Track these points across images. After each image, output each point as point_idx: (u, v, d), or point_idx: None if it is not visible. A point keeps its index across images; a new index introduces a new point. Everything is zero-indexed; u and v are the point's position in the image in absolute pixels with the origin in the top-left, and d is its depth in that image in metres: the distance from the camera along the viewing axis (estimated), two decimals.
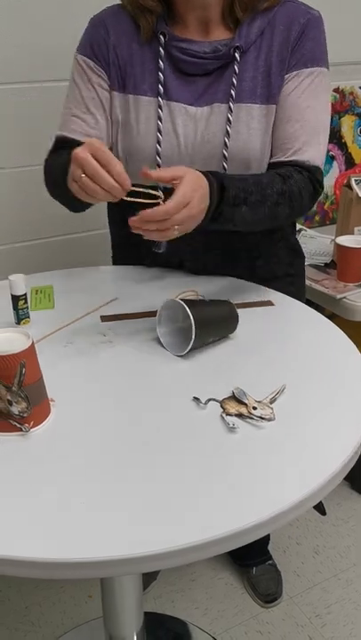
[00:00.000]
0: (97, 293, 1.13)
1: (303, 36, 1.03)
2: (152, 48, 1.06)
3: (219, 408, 0.82)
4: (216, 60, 1.04)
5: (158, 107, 1.06)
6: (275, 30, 1.03)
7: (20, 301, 0.99)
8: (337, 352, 0.95)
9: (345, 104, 1.86)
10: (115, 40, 1.08)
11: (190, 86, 1.06)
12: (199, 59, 1.04)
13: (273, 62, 1.04)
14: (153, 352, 0.95)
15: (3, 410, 0.75)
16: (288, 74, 1.04)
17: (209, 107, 1.05)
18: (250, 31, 1.03)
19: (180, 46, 1.05)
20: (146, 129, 1.07)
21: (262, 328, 1.02)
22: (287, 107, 1.04)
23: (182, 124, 1.06)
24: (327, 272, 1.62)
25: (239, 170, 1.07)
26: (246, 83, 1.04)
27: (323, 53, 1.06)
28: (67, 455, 0.74)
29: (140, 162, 1.10)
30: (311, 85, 1.04)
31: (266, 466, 0.72)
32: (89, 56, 1.09)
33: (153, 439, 0.77)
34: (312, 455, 0.74)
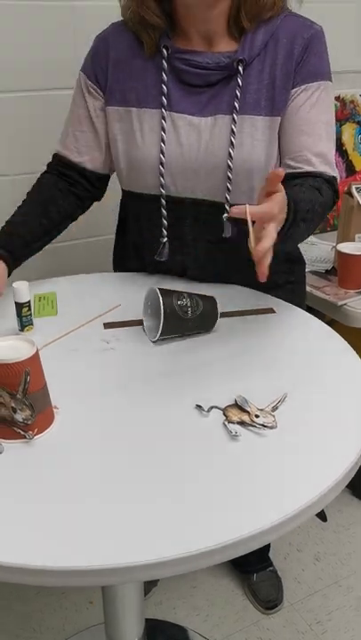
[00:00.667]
0: (100, 300, 1.14)
1: (308, 50, 1.04)
2: (155, 61, 1.07)
3: (221, 416, 0.82)
4: (219, 71, 1.05)
5: (162, 118, 1.07)
6: (278, 43, 1.04)
7: (23, 308, 1.00)
8: (338, 360, 0.95)
9: (346, 112, 1.87)
10: (115, 57, 1.10)
11: (194, 97, 1.07)
12: (202, 70, 1.05)
13: (277, 75, 1.05)
14: (155, 359, 0.96)
15: (7, 417, 0.75)
16: (295, 88, 1.05)
17: (213, 117, 1.06)
18: (253, 44, 1.04)
19: (184, 58, 1.06)
20: (150, 140, 1.08)
21: (264, 335, 1.02)
22: (298, 120, 1.05)
23: (186, 135, 1.07)
24: (328, 279, 1.63)
25: (243, 181, 1.08)
26: (250, 95, 1.05)
27: (327, 67, 1.07)
28: (70, 463, 0.74)
29: (143, 172, 1.11)
30: (320, 98, 1.06)
31: (268, 474, 0.73)
32: (88, 75, 1.13)
33: (156, 447, 0.77)
34: (314, 463, 0.74)
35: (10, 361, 0.73)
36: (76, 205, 1.21)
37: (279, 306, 1.12)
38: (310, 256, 1.73)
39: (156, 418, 0.82)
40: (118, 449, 0.77)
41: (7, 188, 1.55)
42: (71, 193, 1.20)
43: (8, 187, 1.55)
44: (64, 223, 1.21)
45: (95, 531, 0.65)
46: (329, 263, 1.69)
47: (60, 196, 1.18)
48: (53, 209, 1.17)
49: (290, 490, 0.70)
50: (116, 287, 1.20)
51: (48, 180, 1.20)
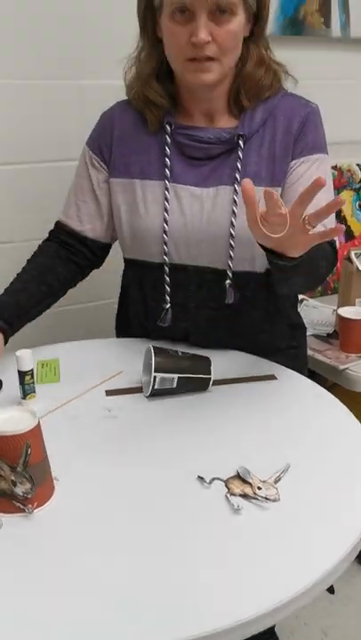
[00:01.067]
0: (102, 366, 1.14)
1: (305, 126, 1.09)
2: (158, 136, 1.12)
3: (223, 487, 0.81)
4: (221, 145, 1.09)
5: (165, 189, 1.11)
6: (276, 120, 1.09)
7: (26, 377, 1.00)
8: (340, 428, 0.95)
9: (343, 180, 1.93)
10: (120, 133, 1.15)
11: (196, 170, 1.11)
12: (204, 144, 1.10)
13: (276, 149, 1.09)
14: (157, 428, 0.95)
15: (7, 490, 0.75)
16: (294, 160, 1.09)
17: (215, 188, 1.10)
18: (253, 121, 1.09)
19: (186, 133, 1.10)
20: (153, 210, 1.12)
21: (266, 403, 1.02)
22: (298, 189, 1.08)
23: (189, 205, 1.11)
24: (330, 342, 1.63)
25: (245, 249, 1.10)
26: (251, 167, 1.09)
27: (323, 141, 1.12)
28: (70, 538, 0.73)
29: (146, 241, 1.14)
30: (318, 169, 1.10)
31: (271, 550, 0.71)
32: (93, 149, 1.18)
33: (157, 520, 0.76)
34: (319, 539, 0.73)
35: (11, 433, 0.73)
36: (76, 273, 1.24)
37: (280, 372, 1.13)
38: (312, 319, 1.75)
39: (158, 491, 0.81)
40: (118, 522, 0.75)
41: (12, 255, 1.58)
42: (71, 261, 1.22)
43: (12, 253, 1.58)
44: (63, 290, 1.23)
45: (96, 607, 0.63)
46: (330, 327, 1.71)
47: (60, 264, 1.21)
48: (53, 277, 1.19)
49: (294, 567, 0.68)
50: (119, 353, 1.21)
51: (49, 248, 1.23)
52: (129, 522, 0.76)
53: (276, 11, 1.69)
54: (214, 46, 0.99)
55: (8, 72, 1.45)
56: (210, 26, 0.98)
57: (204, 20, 0.97)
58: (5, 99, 1.46)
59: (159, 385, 1.00)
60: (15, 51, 1.44)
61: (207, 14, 0.97)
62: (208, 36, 0.98)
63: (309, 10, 1.75)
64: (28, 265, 1.21)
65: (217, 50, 1.00)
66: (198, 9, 0.96)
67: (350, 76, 1.91)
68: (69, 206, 1.22)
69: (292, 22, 1.73)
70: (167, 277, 1.14)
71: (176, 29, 0.99)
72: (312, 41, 1.80)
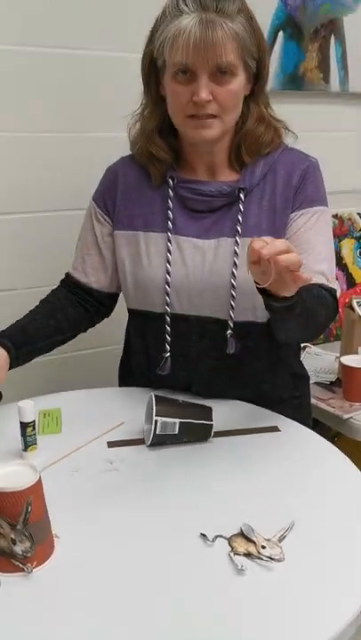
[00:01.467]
0: (104, 417, 1.13)
1: (304, 180, 1.11)
2: (161, 190, 1.14)
3: (226, 546, 0.80)
4: (222, 198, 1.11)
5: (168, 241, 1.12)
6: (277, 175, 1.12)
7: (28, 428, 0.99)
8: (346, 482, 0.94)
9: (344, 229, 1.96)
10: (124, 187, 1.18)
11: (198, 222, 1.13)
12: (206, 196, 1.12)
13: (277, 202, 1.11)
14: (159, 482, 0.94)
15: (6, 549, 0.73)
16: (294, 212, 1.11)
17: (216, 240, 1.11)
18: (253, 175, 1.11)
19: (188, 186, 1.13)
20: (156, 261, 1.13)
21: (269, 456, 1.01)
22: (298, 241, 1.10)
23: (191, 256, 1.12)
24: (333, 390, 1.63)
25: (247, 299, 1.11)
26: (252, 219, 1.11)
27: (323, 194, 1.14)
28: (69, 599, 0.71)
29: (149, 291, 1.15)
30: (318, 222, 1.11)
31: (276, 615, 0.69)
32: (98, 204, 1.21)
33: (158, 581, 0.74)
34: (325, 603, 0.71)
35: (11, 490, 0.72)
36: (85, 317, 1.25)
37: (284, 423, 1.12)
38: (314, 367, 1.74)
39: (159, 547, 0.80)
40: (118, 582, 0.74)
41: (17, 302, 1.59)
42: (81, 305, 1.24)
43: (17, 300, 1.60)
44: (71, 331, 1.24)
45: None
46: (333, 374, 1.70)
47: (70, 305, 1.23)
48: (62, 315, 1.21)
49: (300, 634, 0.66)
50: (121, 403, 1.20)
51: (59, 292, 1.26)
52: (129, 583, 0.74)
53: (277, 68, 1.75)
54: (215, 105, 1.03)
55: (19, 125, 1.49)
56: (211, 86, 1.01)
57: (205, 80, 1.00)
58: (15, 150, 1.50)
59: (161, 430, 1.00)
60: (27, 105, 1.48)
61: (208, 75, 1.00)
62: (209, 95, 1.01)
63: (309, 66, 1.81)
64: (40, 304, 1.24)
65: (218, 108, 1.03)
66: (200, 70, 1.00)
67: (350, 128, 1.96)
68: (76, 258, 1.25)
69: (292, 78, 1.79)
70: (168, 327, 1.15)
71: (178, 89, 1.03)
72: (312, 96, 1.85)
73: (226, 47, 0.99)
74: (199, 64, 0.99)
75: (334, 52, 1.84)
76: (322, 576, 0.75)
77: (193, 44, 0.97)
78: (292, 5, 1.72)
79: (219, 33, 0.97)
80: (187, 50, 0.98)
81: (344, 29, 1.83)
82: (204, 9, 0.98)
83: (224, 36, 0.98)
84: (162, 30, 1.02)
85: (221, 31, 0.98)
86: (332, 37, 1.82)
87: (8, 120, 1.48)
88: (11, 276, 1.58)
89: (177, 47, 0.99)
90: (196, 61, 0.99)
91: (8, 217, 1.54)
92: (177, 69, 1.01)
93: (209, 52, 0.98)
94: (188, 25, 0.97)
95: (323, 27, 1.79)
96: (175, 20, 0.99)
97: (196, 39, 0.97)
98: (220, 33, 0.98)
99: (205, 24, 0.97)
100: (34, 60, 1.46)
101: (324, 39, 1.81)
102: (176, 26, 0.99)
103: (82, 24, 1.49)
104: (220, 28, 0.98)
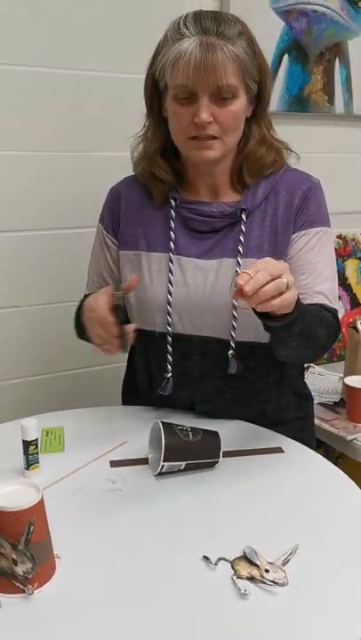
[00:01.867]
0: (107, 435, 1.13)
1: (306, 200, 1.12)
2: (164, 210, 1.15)
3: (229, 569, 0.79)
4: (224, 218, 1.12)
5: (169, 261, 1.13)
6: (278, 195, 1.12)
7: (30, 446, 0.99)
8: (349, 506, 0.93)
9: (348, 249, 1.96)
10: (127, 207, 1.19)
11: (200, 242, 1.13)
12: (208, 217, 1.12)
13: (279, 223, 1.11)
14: (161, 502, 0.93)
15: (7, 569, 0.72)
16: (296, 233, 1.11)
17: (218, 260, 1.12)
18: (255, 195, 1.12)
19: (190, 207, 1.13)
20: (158, 281, 1.13)
21: (272, 478, 1.00)
22: (299, 262, 1.10)
23: (192, 276, 1.12)
24: (336, 411, 1.62)
25: (249, 320, 1.11)
26: (253, 240, 1.11)
27: (325, 215, 1.14)
28: (70, 620, 0.70)
29: (151, 311, 1.15)
30: (319, 242, 1.12)
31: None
32: (104, 226, 1.22)
33: (160, 603, 0.73)
34: (329, 629, 0.70)
35: (13, 509, 0.71)
36: None
37: (287, 444, 1.11)
38: (318, 387, 1.74)
39: (161, 569, 0.79)
40: (120, 605, 0.73)
41: (22, 320, 1.60)
42: None
43: (21, 317, 1.60)
44: None
45: None
46: (337, 395, 1.69)
47: None
48: None
49: None
50: (124, 422, 1.20)
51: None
52: (130, 605, 0.73)
53: (282, 90, 1.77)
54: (216, 126, 1.04)
55: (24, 144, 1.51)
56: (212, 107, 1.02)
57: (205, 102, 1.01)
58: (18, 168, 1.51)
59: (167, 469, 0.98)
60: (30, 124, 1.50)
61: (209, 96, 1.01)
62: (209, 116, 1.02)
63: (314, 88, 1.83)
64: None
65: (219, 129, 1.04)
66: (200, 91, 1.01)
67: (354, 149, 1.98)
68: (90, 281, 1.27)
69: (297, 100, 1.81)
70: (170, 347, 1.14)
71: (180, 110, 1.04)
72: (317, 117, 1.87)
73: (226, 69, 1.00)
74: (200, 86, 1.00)
75: (339, 74, 1.86)
76: (326, 601, 0.74)
77: (194, 66, 0.99)
78: (297, 29, 1.74)
79: (219, 55, 0.99)
80: (187, 72, 1.00)
81: (349, 53, 1.86)
82: (205, 32, 0.99)
83: (224, 59, 0.99)
84: (164, 53, 1.04)
85: (222, 54, 0.99)
86: (336, 60, 1.84)
87: (13, 138, 1.49)
88: (14, 293, 1.58)
89: (178, 69, 1.01)
90: (197, 83, 1.00)
91: (12, 234, 1.55)
92: (178, 91, 1.03)
93: (209, 73, 0.99)
94: (188, 47, 0.99)
95: (328, 50, 1.81)
96: (177, 43, 1.01)
97: (196, 61, 0.98)
98: (220, 55, 0.99)
99: (206, 47, 0.99)
100: (39, 83, 1.48)
101: (329, 62, 1.83)
102: (177, 48, 1.00)
103: (88, 45, 1.51)
104: (221, 51, 0.99)
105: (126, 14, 1.53)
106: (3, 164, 1.50)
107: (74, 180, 1.57)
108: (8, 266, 1.56)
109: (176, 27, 1.02)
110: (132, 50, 1.49)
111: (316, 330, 1.04)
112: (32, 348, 1.63)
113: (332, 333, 1.10)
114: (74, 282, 1.59)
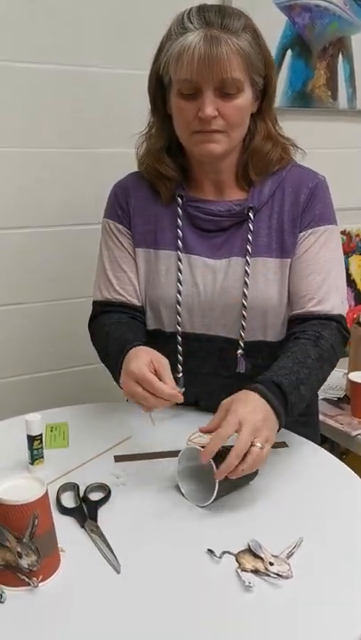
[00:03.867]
0: (111, 431, 1.13)
1: (312, 198, 1.11)
2: (171, 208, 1.14)
3: (234, 562, 0.79)
4: (231, 217, 1.11)
5: (178, 259, 1.12)
6: (285, 192, 1.11)
7: (35, 441, 0.99)
8: (353, 501, 0.93)
9: (352, 245, 1.96)
10: (135, 203, 1.17)
11: (208, 241, 1.12)
12: (215, 216, 1.12)
13: (285, 221, 1.11)
14: (166, 496, 0.93)
15: (12, 562, 0.73)
16: (303, 232, 1.10)
17: (227, 260, 1.11)
18: (262, 193, 1.11)
19: (197, 205, 1.13)
20: (167, 280, 1.13)
21: (276, 472, 1.00)
22: (307, 262, 1.10)
23: (201, 275, 1.12)
24: (341, 407, 1.61)
25: (258, 319, 1.11)
26: (261, 238, 1.10)
27: (331, 212, 1.13)
28: (75, 613, 0.71)
29: (161, 310, 1.15)
30: (326, 241, 1.11)
31: (283, 633, 0.68)
32: (116, 220, 1.18)
33: (165, 597, 0.73)
34: (334, 621, 0.70)
35: (17, 503, 0.71)
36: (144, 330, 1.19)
37: (292, 439, 1.11)
38: None
39: (166, 562, 0.79)
40: (123, 597, 0.73)
41: (29, 315, 1.60)
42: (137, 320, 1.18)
43: (28, 313, 1.61)
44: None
45: None
46: (341, 390, 1.69)
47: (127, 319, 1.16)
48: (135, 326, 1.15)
49: None
50: (128, 417, 1.19)
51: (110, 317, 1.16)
52: (135, 598, 0.73)
53: (285, 85, 1.76)
54: (221, 121, 1.03)
55: (29, 140, 1.51)
56: (216, 102, 1.01)
57: (210, 96, 1.00)
58: (23, 165, 1.52)
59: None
60: (34, 121, 1.50)
61: (213, 90, 1.00)
62: (214, 111, 1.01)
63: (317, 84, 1.82)
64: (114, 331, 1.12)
65: (224, 124, 1.03)
66: (205, 86, 1.00)
67: (358, 144, 1.97)
68: (107, 282, 1.17)
69: (300, 95, 1.80)
70: (180, 347, 1.14)
71: (184, 105, 1.03)
72: (320, 113, 1.87)
73: (231, 63, 0.99)
74: (204, 80, 0.99)
75: (342, 70, 1.85)
76: (331, 594, 0.74)
77: (198, 60, 0.98)
78: (300, 24, 1.74)
79: (223, 49, 0.97)
80: (191, 66, 0.98)
81: (352, 48, 1.85)
82: (208, 26, 0.98)
83: (229, 52, 0.98)
84: (167, 48, 1.02)
85: (226, 47, 0.98)
86: (340, 55, 1.84)
87: (13, 136, 1.49)
88: (16, 290, 1.58)
89: (182, 63, 1.00)
90: (201, 77, 0.99)
91: (15, 231, 1.55)
92: (182, 86, 1.02)
93: (214, 67, 0.98)
94: (192, 41, 0.98)
95: (331, 45, 1.81)
96: (180, 37, 1.00)
97: (200, 55, 0.97)
98: (224, 49, 0.97)
99: (210, 40, 0.97)
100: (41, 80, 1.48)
101: (333, 57, 1.82)
102: (181, 43, 0.99)
103: (89, 41, 1.51)
104: (225, 44, 0.98)
105: (128, 10, 1.53)
106: (2, 161, 1.49)
107: (75, 177, 1.57)
108: (10, 263, 1.56)
109: (180, 21, 1.01)
110: (134, 46, 1.49)
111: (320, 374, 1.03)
112: (36, 345, 1.63)
113: (338, 344, 1.07)
114: (76, 279, 1.61)
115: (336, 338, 1.08)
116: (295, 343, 1.05)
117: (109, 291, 1.18)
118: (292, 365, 1.00)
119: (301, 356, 1.02)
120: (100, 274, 1.21)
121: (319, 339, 1.05)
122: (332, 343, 1.06)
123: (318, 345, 1.04)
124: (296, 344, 1.05)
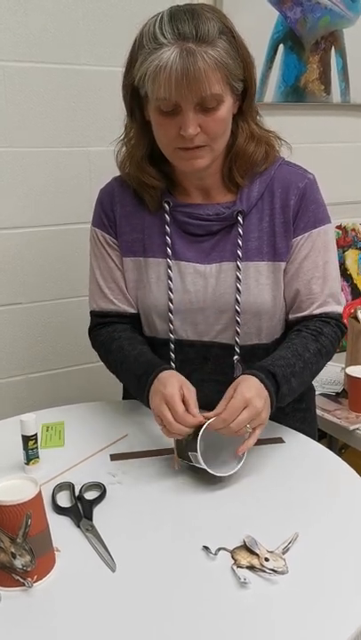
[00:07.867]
0: (107, 430, 1.13)
1: (304, 199, 1.08)
2: (158, 215, 1.11)
3: (229, 558, 0.79)
4: (220, 221, 1.09)
5: (168, 267, 1.10)
6: (274, 194, 1.09)
7: (30, 441, 0.99)
8: (351, 495, 0.92)
9: (348, 239, 1.96)
10: (122, 211, 1.14)
11: (197, 246, 1.10)
12: (203, 221, 1.09)
13: (276, 224, 1.08)
14: (162, 494, 0.93)
15: (6, 563, 0.72)
16: (299, 236, 1.09)
17: (217, 265, 1.09)
18: (250, 195, 1.08)
19: (185, 211, 1.10)
20: (157, 287, 1.11)
21: (273, 468, 1.00)
22: (307, 267, 1.09)
23: (192, 282, 1.10)
24: (339, 402, 1.61)
25: (251, 323, 1.10)
26: (252, 242, 1.08)
27: (324, 212, 1.11)
28: (70, 613, 0.71)
29: (153, 318, 1.14)
30: (323, 243, 1.10)
31: (279, 629, 0.68)
32: (103, 229, 1.16)
33: (160, 594, 0.73)
34: (329, 614, 0.70)
35: (10, 503, 0.71)
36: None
37: (288, 435, 1.11)
38: (320, 378, 1.72)
39: (161, 560, 0.79)
40: (119, 595, 0.73)
41: (22, 315, 1.60)
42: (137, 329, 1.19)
43: (22, 313, 1.60)
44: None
45: None
46: (339, 385, 1.69)
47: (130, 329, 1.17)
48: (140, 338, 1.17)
49: None
50: (124, 415, 1.20)
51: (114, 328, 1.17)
52: (130, 596, 0.73)
53: (278, 80, 1.76)
54: (203, 136, 0.99)
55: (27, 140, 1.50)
56: (198, 118, 0.97)
57: (191, 115, 0.96)
58: (19, 165, 1.51)
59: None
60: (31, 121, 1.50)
61: (194, 107, 0.96)
62: (196, 129, 0.97)
63: (310, 78, 1.82)
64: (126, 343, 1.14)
65: (206, 138, 1.00)
66: (184, 104, 0.96)
67: (352, 138, 1.97)
68: (100, 294, 1.18)
69: (293, 90, 1.80)
70: (172, 354, 1.13)
71: (164, 122, 0.99)
72: (314, 107, 1.86)
73: (210, 79, 0.94)
74: (183, 99, 0.95)
75: (335, 63, 1.85)
76: (326, 589, 0.74)
77: (175, 80, 0.93)
78: (291, 19, 1.73)
79: (200, 65, 0.92)
80: (169, 86, 0.94)
81: (344, 41, 1.84)
82: (182, 38, 0.93)
83: (207, 68, 0.93)
84: (141, 62, 0.97)
85: (203, 63, 0.93)
86: (332, 49, 1.83)
87: (11, 135, 1.49)
88: (13, 290, 1.58)
89: (159, 83, 0.94)
90: (180, 97, 0.95)
91: (12, 232, 1.55)
92: (161, 104, 0.97)
93: (192, 86, 0.93)
94: (168, 60, 0.92)
95: (323, 39, 1.80)
96: (154, 53, 0.94)
97: (177, 75, 0.92)
98: (201, 65, 0.92)
99: (186, 57, 0.92)
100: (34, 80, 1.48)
101: (325, 51, 1.82)
102: (156, 60, 0.94)
103: (79, 40, 1.51)
104: (202, 60, 0.92)
105: (120, 7, 1.52)
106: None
107: (71, 176, 1.57)
108: (8, 263, 1.56)
109: (152, 33, 0.95)
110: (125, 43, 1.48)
111: (314, 369, 1.08)
112: (32, 344, 1.63)
113: (336, 340, 1.11)
114: (72, 279, 1.60)
115: (336, 334, 1.10)
116: (297, 335, 1.09)
117: (105, 302, 1.18)
118: (291, 357, 1.04)
119: (301, 348, 1.06)
120: (93, 284, 1.20)
121: (320, 334, 1.08)
122: (332, 340, 1.10)
123: (319, 340, 1.08)
124: (298, 336, 1.09)
